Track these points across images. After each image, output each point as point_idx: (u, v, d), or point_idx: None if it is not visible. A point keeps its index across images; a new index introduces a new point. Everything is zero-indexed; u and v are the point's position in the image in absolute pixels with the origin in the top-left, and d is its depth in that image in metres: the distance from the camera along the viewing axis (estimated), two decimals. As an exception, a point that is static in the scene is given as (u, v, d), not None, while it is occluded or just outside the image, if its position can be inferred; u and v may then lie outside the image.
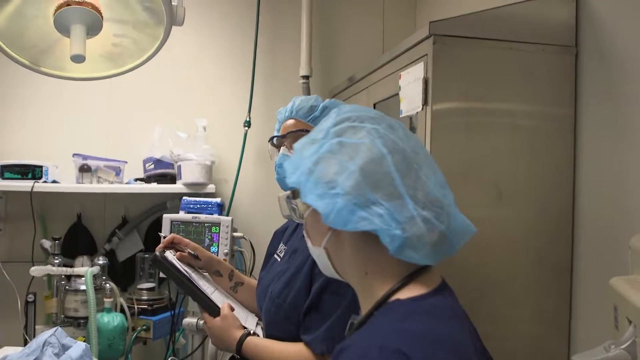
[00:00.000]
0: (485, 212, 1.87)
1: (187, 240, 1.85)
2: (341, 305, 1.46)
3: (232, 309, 1.66)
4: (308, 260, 1.58)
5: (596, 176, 1.85)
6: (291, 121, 1.72)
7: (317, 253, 1.09)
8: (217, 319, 1.64)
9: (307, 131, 1.67)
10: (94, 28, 1.49)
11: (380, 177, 0.96)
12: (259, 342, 1.59)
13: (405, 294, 0.97)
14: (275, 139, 1.76)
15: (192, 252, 1.82)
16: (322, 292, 1.51)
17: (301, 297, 1.54)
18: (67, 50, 1.47)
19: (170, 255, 1.77)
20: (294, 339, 1.54)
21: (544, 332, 1.93)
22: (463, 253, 1.82)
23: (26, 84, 2.93)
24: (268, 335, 1.64)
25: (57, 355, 1.41)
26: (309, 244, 1.12)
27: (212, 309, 1.66)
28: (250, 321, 1.76)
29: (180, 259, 1.79)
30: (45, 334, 1.45)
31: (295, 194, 1.10)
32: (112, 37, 1.58)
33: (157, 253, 1.73)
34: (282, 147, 1.72)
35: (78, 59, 1.42)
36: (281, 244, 1.85)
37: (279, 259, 1.80)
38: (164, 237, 1.83)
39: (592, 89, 1.87)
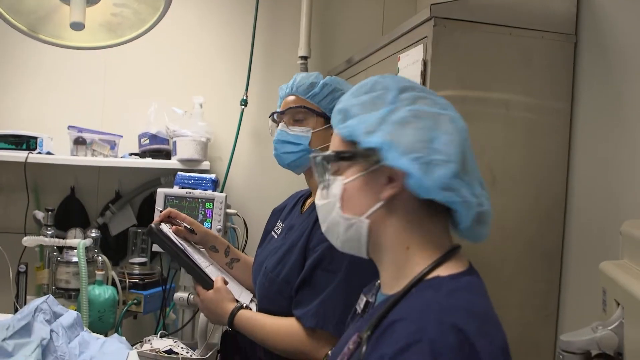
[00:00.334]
0: (478, 196, 1.88)
1: (183, 215, 1.85)
2: (334, 282, 1.47)
3: (226, 283, 1.67)
4: (303, 235, 1.58)
5: (589, 165, 1.86)
6: (291, 97, 1.71)
7: (351, 223, 1.01)
8: (210, 291, 1.63)
9: (306, 107, 1.67)
10: (94, -4, 1.48)
11: (461, 148, 0.96)
12: (251, 315, 1.60)
13: (444, 271, 0.97)
14: (275, 115, 1.76)
15: (189, 227, 1.81)
16: (315, 268, 1.51)
17: (294, 272, 1.55)
18: (66, 18, 1.46)
19: (165, 228, 1.76)
20: (287, 313, 1.55)
21: (532, 317, 1.95)
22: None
23: (24, 54, 2.91)
24: (261, 309, 1.65)
25: (49, 322, 1.42)
26: (338, 213, 1.02)
27: (206, 282, 1.66)
28: (244, 296, 1.76)
29: (176, 232, 1.79)
30: (37, 301, 1.46)
31: (336, 156, 1.01)
32: (112, 6, 1.58)
33: (153, 225, 1.73)
34: (280, 124, 1.71)
35: (77, 26, 1.42)
36: (279, 222, 1.85)
37: (275, 236, 1.80)
38: (161, 211, 1.83)
39: (589, 78, 1.88)
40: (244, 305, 1.63)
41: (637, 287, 1.13)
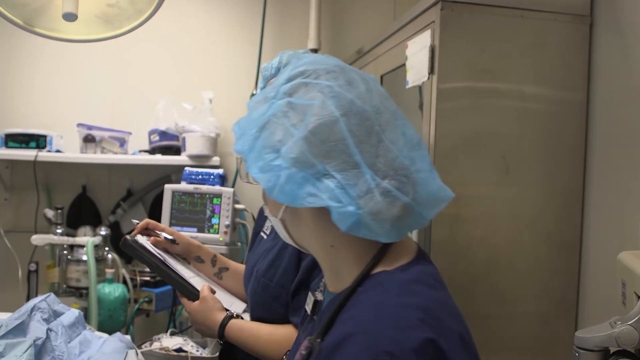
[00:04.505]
0: (490, 186, 1.82)
1: (162, 225, 1.74)
2: None
3: (214, 292, 1.55)
4: None
5: (607, 152, 1.78)
6: None
7: (275, 222, 1.00)
8: (196, 302, 1.52)
9: None
10: (87, -14, 1.45)
11: (332, 145, 0.85)
12: (244, 325, 1.47)
13: (389, 264, 0.90)
14: None
15: (169, 237, 1.70)
16: (313, 269, 1.39)
17: (289, 276, 1.43)
18: (60, 10, 1.42)
19: (142, 239, 1.66)
20: (282, 321, 1.44)
21: (550, 311, 1.88)
22: (466, 227, 1.79)
23: (33, 52, 2.90)
24: (254, 318, 1.52)
25: (47, 320, 1.38)
26: (266, 212, 1.02)
27: (191, 293, 1.55)
28: (236, 306, 1.64)
29: (155, 244, 1.67)
30: (35, 299, 1.42)
31: None
32: (107, -4, 1.54)
33: (127, 237, 1.62)
34: None
35: (70, 17, 1.38)
36: (267, 220, 1.72)
37: (265, 237, 1.67)
38: (137, 223, 1.72)
39: (606, 62, 1.79)
40: (235, 314, 1.51)
41: (657, 279, 1.06)
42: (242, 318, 1.52)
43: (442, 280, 0.96)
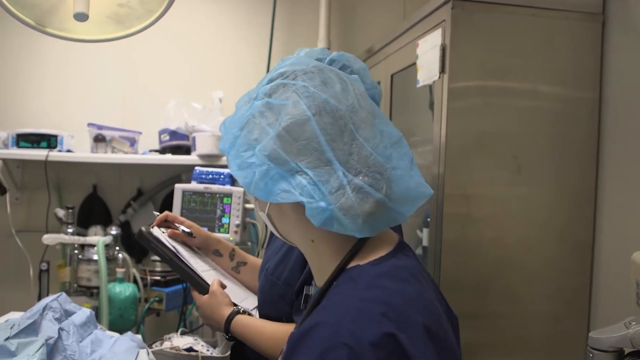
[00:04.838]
0: (502, 186, 1.81)
1: (181, 218, 1.74)
2: None
3: (224, 287, 1.55)
4: None
5: (620, 151, 1.77)
6: None
7: (263, 217, 1.04)
8: (206, 296, 1.51)
9: None
10: (98, -14, 1.45)
11: (305, 143, 0.88)
12: (250, 321, 1.46)
13: (363, 258, 0.92)
14: None
15: (186, 230, 1.70)
16: None
17: (296, 274, 1.42)
18: (71, 10, 1.43)
19: (158, 231, 1.66)
20: (288, 319, 1.43)
21: (562, 311, 1.87)
22: (477, 227, 1.78)
23: (43, 52, 2.91)
24: (262, 315, 1.51)
25: (59, 320, 1.38)
26: (255, 208, 1.06)
27: (201, 287, 1.54)
28: (249, 301, 1.64)
29: (172, 236, 1.68)
30: (47, 299, 1.42)
31: None
32: (118, -4, 1.54)
33: (143, 228, 1.63)
34: None
35: (81, 17, 1.39)
36: None
37: None
38: (157, 215, 1.72)
39: (619, 60, 1.78)
40: (242, 309, 1.50)
41: (672, 279, 1.05)
42: (249, 314, 1.52)
43: (421, 273, 0.96)
